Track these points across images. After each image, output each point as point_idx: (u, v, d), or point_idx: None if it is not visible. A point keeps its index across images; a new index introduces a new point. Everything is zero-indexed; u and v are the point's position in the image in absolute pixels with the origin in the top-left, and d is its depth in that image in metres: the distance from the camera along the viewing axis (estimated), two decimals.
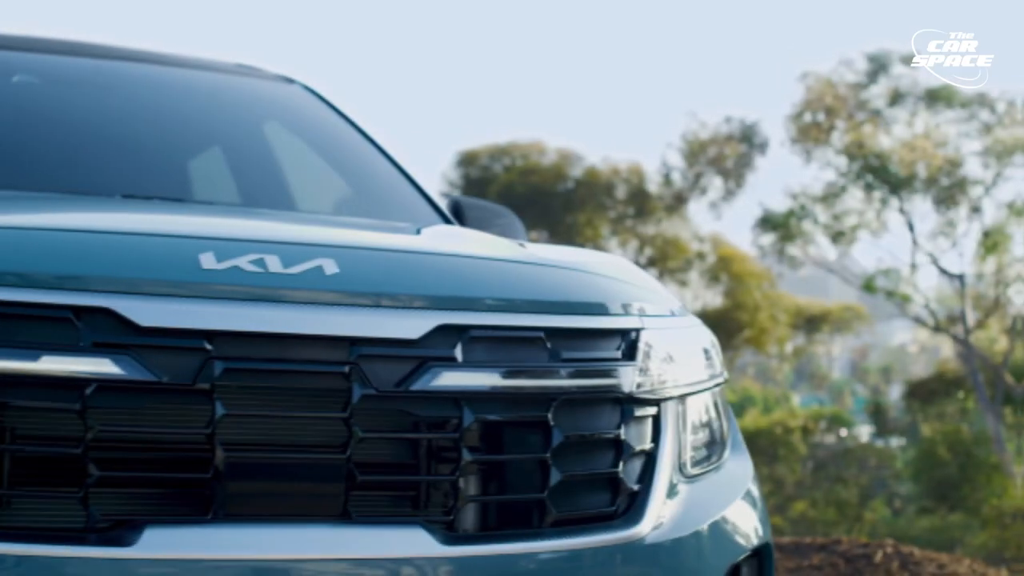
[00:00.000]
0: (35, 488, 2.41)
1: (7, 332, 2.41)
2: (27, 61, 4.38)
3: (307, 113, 4.75)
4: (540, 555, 2.67)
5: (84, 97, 4.41)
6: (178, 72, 4.68)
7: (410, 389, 2.60)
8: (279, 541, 2.48)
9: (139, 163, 4.23)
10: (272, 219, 3.49)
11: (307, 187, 4.47)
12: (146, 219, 3.14)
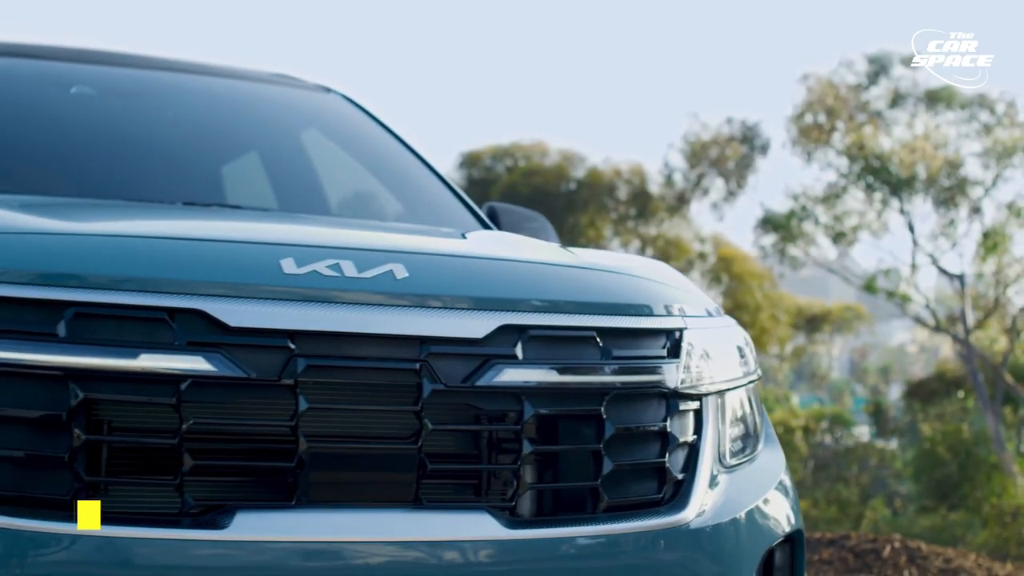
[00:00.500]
0: (132, 476, 2.62)
1: (108, 332, 2.61)
2: (84, 72, 4.58)
3: (346, 121, 4.95)
4: (594, 538, 2.87)
5: (137, 107, 4.61)
6: (222, 83, 4.88)
7: (475, 384, 2.80)
8: (357, 525, 2.68)
9: (191, 171, 4.44)
10: (342, 226, 3.69)
11: (348, 193, 4.66)
12: (223, 226, 3.34)
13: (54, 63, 4.57)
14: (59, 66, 4.56)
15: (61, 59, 4.60)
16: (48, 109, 4.40)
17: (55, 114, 4.40)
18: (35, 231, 2.86)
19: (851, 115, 37.18)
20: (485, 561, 2.76)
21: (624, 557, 2.91)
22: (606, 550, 2.89)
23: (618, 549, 2.90)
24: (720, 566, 3.05)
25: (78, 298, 2.61)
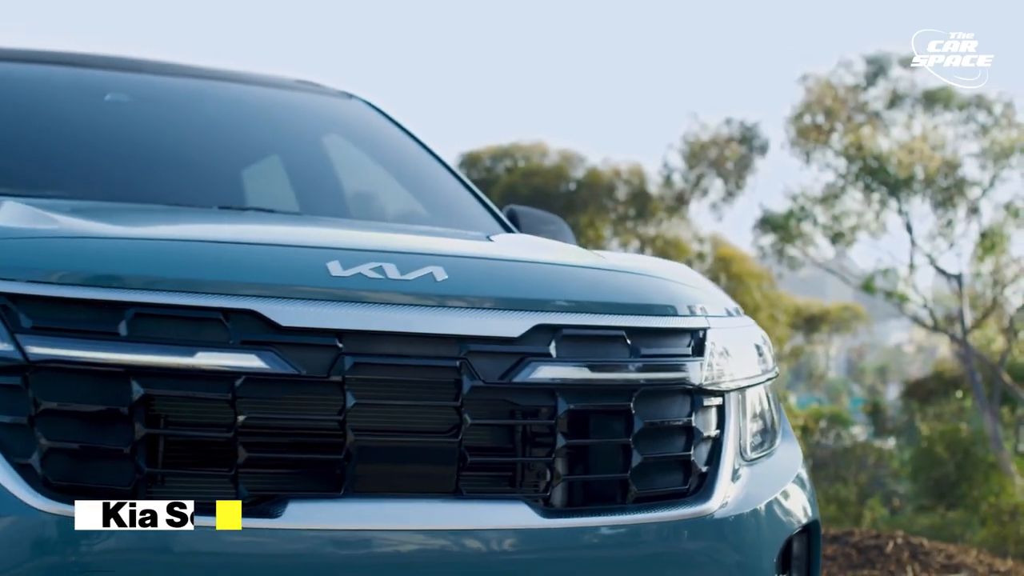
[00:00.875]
0: (189, 468, 2.76)
1: (167, 331, 2.76)
2: (117, 80, 4.73)
3: (369, 126, 5.09)
4: (623, 527, 3.02)
5: (167, 114, 4.76)
6: (248, 89, 5.03)
7: (512, 381, 2.95)
8: (401, 514, 2.83)
9: (220, 176, 4.59)
10: (382, 230, 3.84)
11: (371, 197, 4.80)
12: (269, 230, 3.49)
13: (89, 71, 4.71)
14: (94, 74, 4.71)
15: (95, 67, 4.75)
16: (84, 116, 4.55)
17: (91, 121, 4.54)
18: (95, 235, 3.01)
19: (849, 116, 37.27)
20: (522, 548, 2.91)
21: (652, 546, 3.06)
22: (635, 539, 3.03)
23: (646, 538, 3.05)
24: (742, 555, 3.19)
25: (138, 299, 2.76)
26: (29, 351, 2.70)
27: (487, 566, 2.89)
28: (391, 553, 2.81)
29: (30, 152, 4.34)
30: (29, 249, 2.85)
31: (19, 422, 2.68)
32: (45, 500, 2.64)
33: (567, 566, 2.97)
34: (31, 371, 2.69)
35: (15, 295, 2.73)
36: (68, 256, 2.83)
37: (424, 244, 3.46)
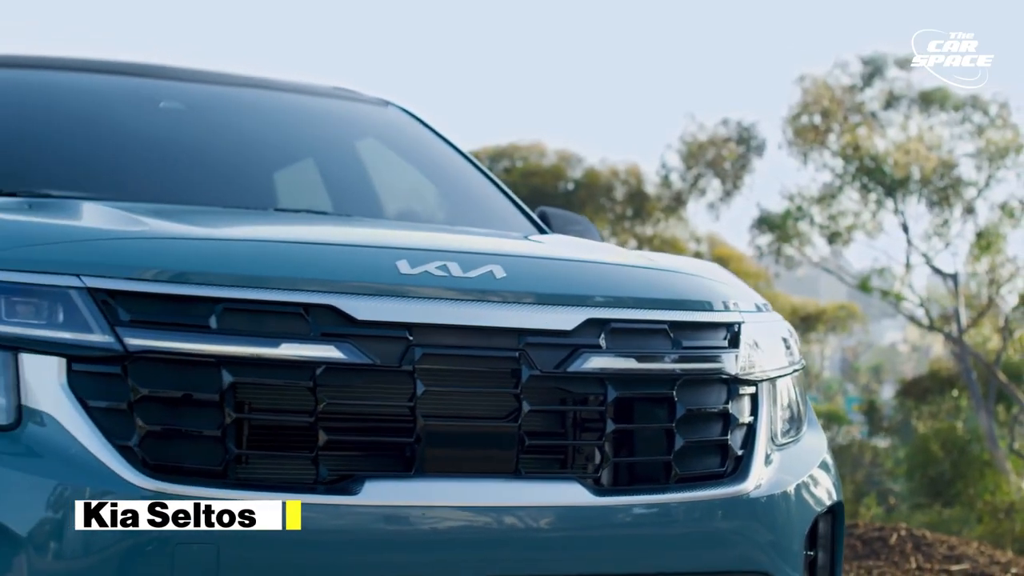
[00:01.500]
0: (275, 450, 3.02)
1: (253, 324, 3.01)
2: (170, 88, 4.97)
3: (407, 132, 5.35)
4: (668, 505, 3.28)
5: (217, 121, 5.00)
6: (290, 97, 5.28)
7: (566, 371, 3.21)
8: (466, 492, 3.09)
9: (267, 180, 4.84)
10: (439, 231, 4.09)
11: (414, 199, 5.05)
12: (339, 231, 3.75)
13: (143, 79, 4.96)
14: (147, 82, 4.95)
15: (149, 76, 5.00)
16: (141, 122, 4.79)
17: (147, 127, 4.79)
18: (183, 236, 3.27)
19: (846, 116, 37.43)
20: (576, 524, 3.17)
21: (693, 523, 3.31)
22: (677, 516, 3.29)
23: (687, 515, 3.30)
24: (774, 534, 3.44)
25: (227, 295, 3.02)
26: (128, 342, 2.95)
27: (544, 540, 3.15)
28: (457, 527, 3.07)
29: (92, 157, 4.59)
30: (125, 249, 3.11)
31: (119, 407, 2.93)
32: (144, 478, 2.89)
33: (616, 540, 3.22)
34: (130, 361, 2.95)
35: (114, 291, 2.98)
36: (161, 255, 3.09)
37: (482, 244, 3.72)
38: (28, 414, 2.93)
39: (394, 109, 5.48)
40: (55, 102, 4.77)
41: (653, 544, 3.26)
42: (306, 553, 2.96)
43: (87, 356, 2.95)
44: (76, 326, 2.96)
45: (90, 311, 2.97)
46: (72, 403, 2.92)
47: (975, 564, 8.73)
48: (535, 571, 3.14)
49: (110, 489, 2.87)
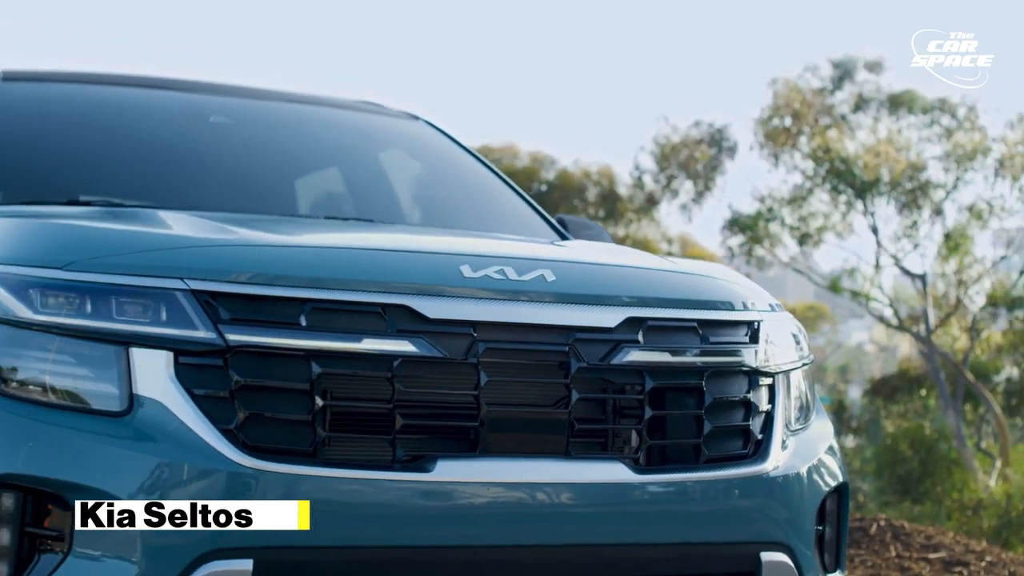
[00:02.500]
0: (356, 432, 3.41)
1: (338, 322, 3.42)
2: (217, 104, 5.37)
3: (435, 144, 5.76)
4: (698, 482, 3.69)
5: (261, 134, 5.41)
6: (325, 111, 5.69)
7: (609, 363, 3.62)
8: (524, 470, 3.49)
9: (312, 190, 5.25)
10: (493, 239, 4.50)
11: (446, 207, 5.45)
12: (400, 239, 4.16)
13: (194, 95, 5.36)
14: (198, 98, 5.35)
15: (199, 92, 5.40)
16: (195, 136, 5.19)
17: (201, 140, 5.19)
18: (270, 244, 3.67)
19: (816, 119, 37.83)
20: (619, 499, 3.58)
21: (720, 499, 3.72)
22: (706, 492, 3.70)
23: (715, 492, 3.71)
24: (789, 510, 3.86)
25: (314, 296, 3.42)
26: (228, 338, 3.35)
27: (591, 512, 3.56)
28: (516, 501, 3.47)
29: (152, 167, 4.99)
30: (223, 255, 3.51)
31: (221, 395, 3.33)
32: (245, 457, 3.29)
33: (653, 513, 3.64)
34: (230, 354, 3.35)
35: (215, 292, 3.38)
36: (256, 261, 3.50)
37: (533, 251, 4.12)
38: (139, 401, 3.33)
39: (421, 123, 5.89)
40: (118, 117, 5.17)
41: (685, 516, 3.67)
42: (388, 525, 3.36)
43: (192, 350, 3.34)
44: (182, 324, 3.36)
45: (194, 310, 3.36)
46: (180, 392, 3.32)
47: (951, 552, 9.14)
48: (584, 540, 3.55)
49: (215, 467, 3.27)
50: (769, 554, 3.77)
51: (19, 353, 3.41)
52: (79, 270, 3.44)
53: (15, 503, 3.32)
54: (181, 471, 3.28)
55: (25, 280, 3.45)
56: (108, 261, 3.45)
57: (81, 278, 3.42)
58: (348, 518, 3.35)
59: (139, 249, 3.51)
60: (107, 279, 3.41)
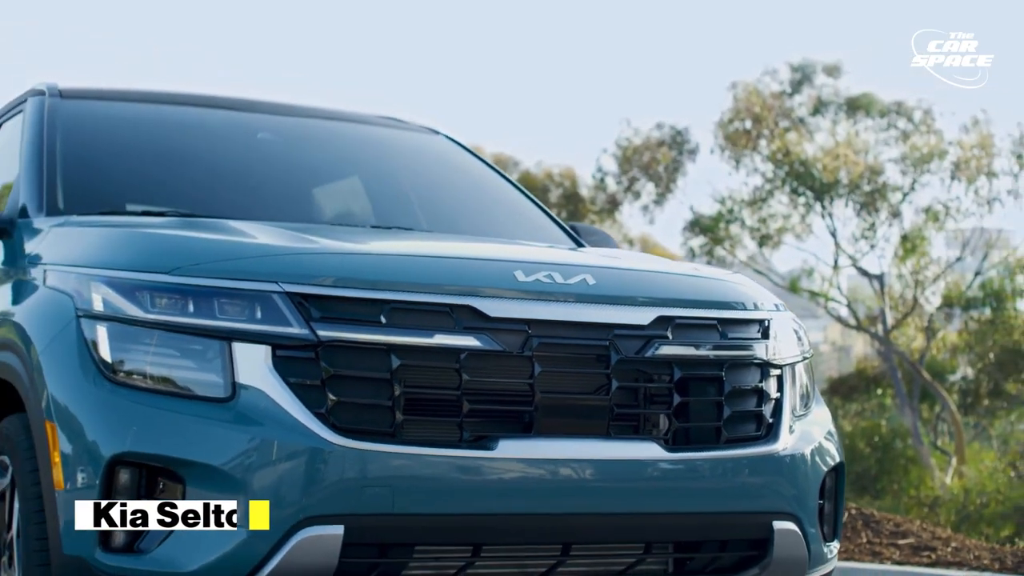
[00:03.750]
0: (429, 416, 3.93)
1: (413, 320, 3.94)
2: (263, 121, 5.89)
3: (453, 156, 6.28)
4: (719, 459, 4.23)
5: (300, 149, 5.93)
6: (354, 127, 6.21)
7: (644, 356, 4.15)
8: (571, 448, 4.03)
9: (350, 199, 5.76)
10: (534, 247, 5.02)
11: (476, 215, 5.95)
12: (459, 247, 4.68)
13: (242, 113, 5.87)
14: (246, 116, 5.87)
15: (246, 110, 5.91)
16: (246, 151, 5.71)
17: (251, 154, 5.71)
18: (352, 252, 4.20)
19: (776, 122, 38.30)
20: (652, 473, 4.11)
21: (738, 474, 4.26)
22: (727, 468, 4.24)
23: (734, 468, 4.25)
24: (796, 487, 4.39)
25: (393, 297, 3.95)
26: (319, 334, 3.86)
27: (628, 485, 4.09)
28: (564, 475, 4.00)
29: (212, 180, 5.50)
30: (312, 262, 4.04)
31: (314, 383, 3.85)
32: (337, 435, 3.81)
33: (681, 486, 4.17)
34: (321, 348, 3.86)
35: (307, 294, 3.90)
36: (339, 266, 4.03)
37: (573, 258, 4.65)
38: (241, 388, 3.84)
39: (440, 136, 6.42)
40: (173, 133, 5.68)
41: (708, 489, 4.21)
42: (457, 496, 3.88)
43: (288, 344, 3.86)
44: (279, 321, 3.87)
45: (289, 310, 3.88)
46: (277, 380, 3.84)
47: (919, 539, 9.70)
48: (622, 509, 4.08)
49: (309, 444, 3.78)
50: (780, 523, 4.30)
51: (130, 347, 3.93)
52: (184, 275, 3.96)
53: (130, 478, 3.84)
54: (279, 448, 3.79)
55: (134, 283, 3.97)
56: (209, 267, 3.97)
57: (186, 282, 3.94)
58: (422, 489, 3.86)
59: (236, 256, 4.03)
60: (210, 282, 3.93)
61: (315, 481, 3.79)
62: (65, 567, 3.90)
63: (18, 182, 5.22)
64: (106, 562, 3.83)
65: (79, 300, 4.06)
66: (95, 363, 3.94)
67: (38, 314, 4.22)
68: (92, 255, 4.21)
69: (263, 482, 3.78)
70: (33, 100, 5.65)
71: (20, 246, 4.85)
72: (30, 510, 4.05)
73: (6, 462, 4.32)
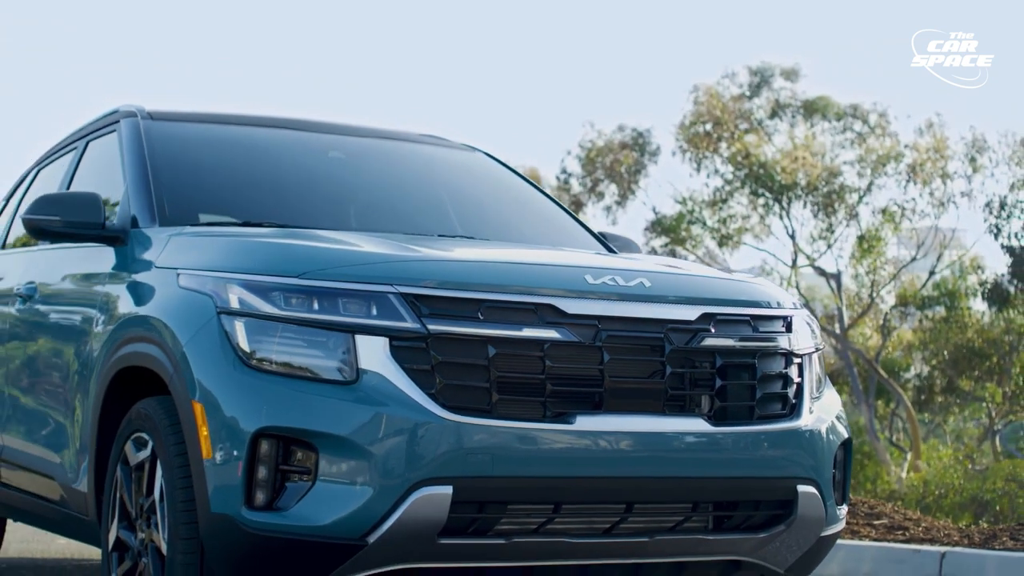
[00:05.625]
0: (519, 396, 4.71)
1: (505, 316, 4.72)
2: (329, 141, 6.68)
3: (493, 171, 7.08)
4: (754, 433, 5.02)
5: (362, 166, 6.72)
6: (405, 145, 7.00)
7: (691, 346, 4.95)
8: (634, 423, 4.82)
9: (417, 211, 6.55)
10: (595, 254, 5.82)
11: (513, 225, 6.73)
12: (538, 254, 5.46)
13: (314, 134, 6.67)
14: (317, 136, 6.66)
15: (317, 131, 6.70)
16: (320, 167, 6.50)
17: (325, 171, 6.49)
18: (450, 259, 4.98)
19: (735, 124, 38.94)
20: (699, 444, 4.91)
21: (769, 445, 5.06)
22: (759, 440, 5.03)
23: (766, 440, 5.04)
24: (815, 457, 5.19)
25: (487, 297, 4.73)
26: (429, 327, 4.64)
27: (680, 453, 4.89)
28: (629, 445, 4.80)
29: (295, 194, 6.28)
30: (420, 267, 4.82)
31: (425, 368, 4.63)
32: (445, 411, 4.59)
33: (722, 455, 4.96)
34: (430, 339, 4.64)
35: (418, 295, 4.68)
36: (443, 271, 4.82)
37: (629, 264, 5.43)
38: (363, 373, 4.61)
39: (479, 153, 7.21)
40: (260, 153, 6.47)
41: (744, 458, 5.00)
42: (542, 461, 4.67)
43: (403, 336, 4.64)
44: (395, 317, 4.65)
45: (403, 308, 4.66)
46: (395, 366, 4.61)
47: (892, 520, 10.45)
48: (675, 473, 4.87)
49: (426, 420, 4.56)
50: (803, 487, 5.11)
51: (266, 339, 4.70)
52: (312, 278, 4.74)
53: (270, 448, 4.60)
54: (398, 422, 4.56)
55: (269, 285, 4.75)
56: (333, 271, 4.75)
57: (314, 284, 4.72)
58: (514, 456, 4.64)
59: (355, 262, 4.81)
60: (334, 284, 4.71)
61: (428, 449, 4.56)
62: (213, 523, 4.66)
63: (126, 196, 5.97)
64: (250, 518, 4.59)
65: (218, 300, 4.83)
66: (236, 352, 4.71)
67: (179, 312, 4.99)
68: (225, 260, 4.98)
69: (385, 449, 4.54)
70: (127, 122, 6.41)
71: (135, 252, 5.62)
72: (175, 477, 4.82)
73: (145, 438, 5.08)
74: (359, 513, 4.55)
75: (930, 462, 34.00)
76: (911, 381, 40.75)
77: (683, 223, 40.10)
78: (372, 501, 4.55)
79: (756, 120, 39.48)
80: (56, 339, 6.25)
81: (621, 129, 41.21)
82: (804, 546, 5.19)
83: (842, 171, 38.63)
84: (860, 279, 39.92)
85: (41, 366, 6.40)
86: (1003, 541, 9.18)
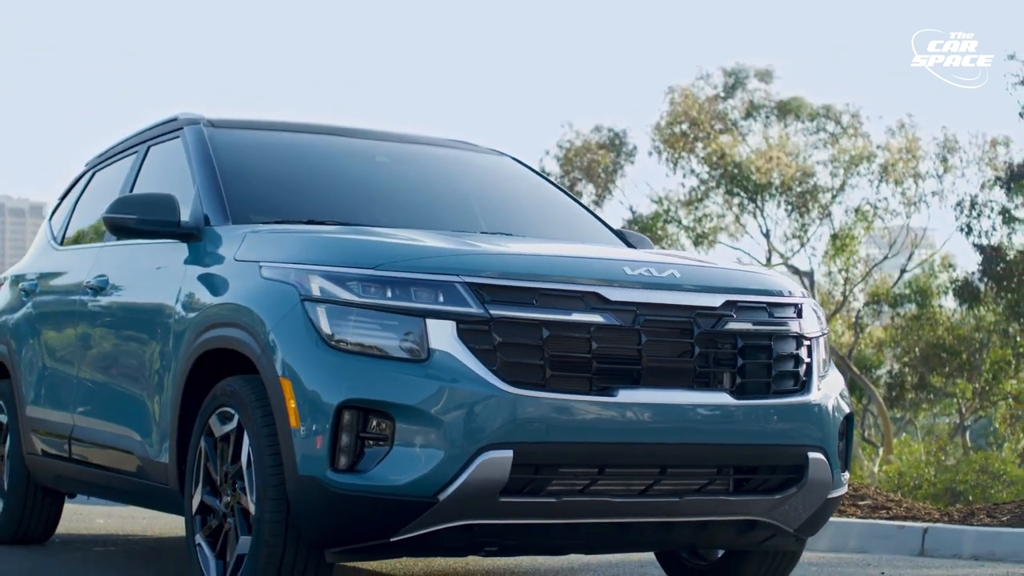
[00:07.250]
0: (568, 372, 5.36)
1: (556, 302, 5.36)
2: (375, 147, 7.34)
3: (520, 174, 7.74)
4: (771, 406, 5.68)
5: (408, 169, 7.39)
6: (438, 150, 7.66)
7: (716, 330, 5.61)
8: (667, 396, 5.47)
9: (457, 210, 7.21)
10: (626, 248, 6.50)
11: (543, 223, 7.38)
12: (577, 248, 6.11)
13: (362, 140, 7.33)
14: (364, 143, 7.32)
15: (364, 137, 7.37)
16: (369, 172, 7.16)
17: (373, 175, 7.15)
18: (504, 253, 5.64)
19: (711, 125, 39.45)
20: (724, 415, 5.57)
21: (783, 417, 5.71)
22: (775, 412, 5.68)
23: (781, 412, 5.70)
24: (823, 429, 5.85)
25: (541, 286, 5.38)
26: (491, 312, 5.29)
27: (707, 424, 5.54)
28: (663, 415, 5.45)
29: (350, 196, 6.93)
30: (481, 260, 5.48)
31: (488, 348, 5.27)
32: (506, 385, 5.23)
33: (743, 425, 5.61)
34: (492, 322, 5.29)
35: (481, 284, 5.33)
36: (502, 263, 5.47)
37: (661, 257, 6.09)
38: (433, 352, 5.26)
39: (506, 157, 7.88)
40: (315, 158, 7.13)
41: (763, 427, 5.65)
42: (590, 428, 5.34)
43: (468, 320, 5.28)
44: (461, 303, 5.30)
45: (468, 295, 5.31)
46: (462, 346, 5.26)
47: (875, 501, 11.07)
48: (704, 440, 5.52)
49: (490, 394, 5.21)
50: (813, 454, 5.77)
51: (346, 323, 5.33)
52: (386, 269, 5.38)
53: (351, 418, 5.24)
54: (466, 395, 5.21)
55: (348, 275, 5.39)
56: (405, 263, 5.40)
57: (389, 274, 5.37)
58: (565, 425, 5.29)
59: (422, 256, 5.47)
60: (406, 275, 5.36)
61: (491, 418, 5.20)
62: (300, 484, 5.30)
63: (197, 197, 6.60)
64: (335, 479, 5.22)
65: (301, 288, 5.46)
66: (319, 334, 5.34)
67: (265, 299, 5.62)
68: (306, 254, 5.61)
69: (454, 418, 5.18)
70: (191, 129, 7.06)
71: (209, 247, 6.27)
72: (263, 445, 5.45)
73: (230, 412, 5.72)
74: (431, 474, 5.19)
75: (902, 457, 34.45)
76: (883, 378, 41.27)
77: (659, 222, 40.59)
78: (443, 464, 5.18)
79: (731, 121, 39.97)
80: (132, 327, 6.87)
81: (598, 130, 41.69)
82: (812, 507, 5.84)
83: (815, 171, 39.11)
84: (833, 277, 40.46)
85: (117, 352, 7.00)
86: (980, 518, 9.83)
